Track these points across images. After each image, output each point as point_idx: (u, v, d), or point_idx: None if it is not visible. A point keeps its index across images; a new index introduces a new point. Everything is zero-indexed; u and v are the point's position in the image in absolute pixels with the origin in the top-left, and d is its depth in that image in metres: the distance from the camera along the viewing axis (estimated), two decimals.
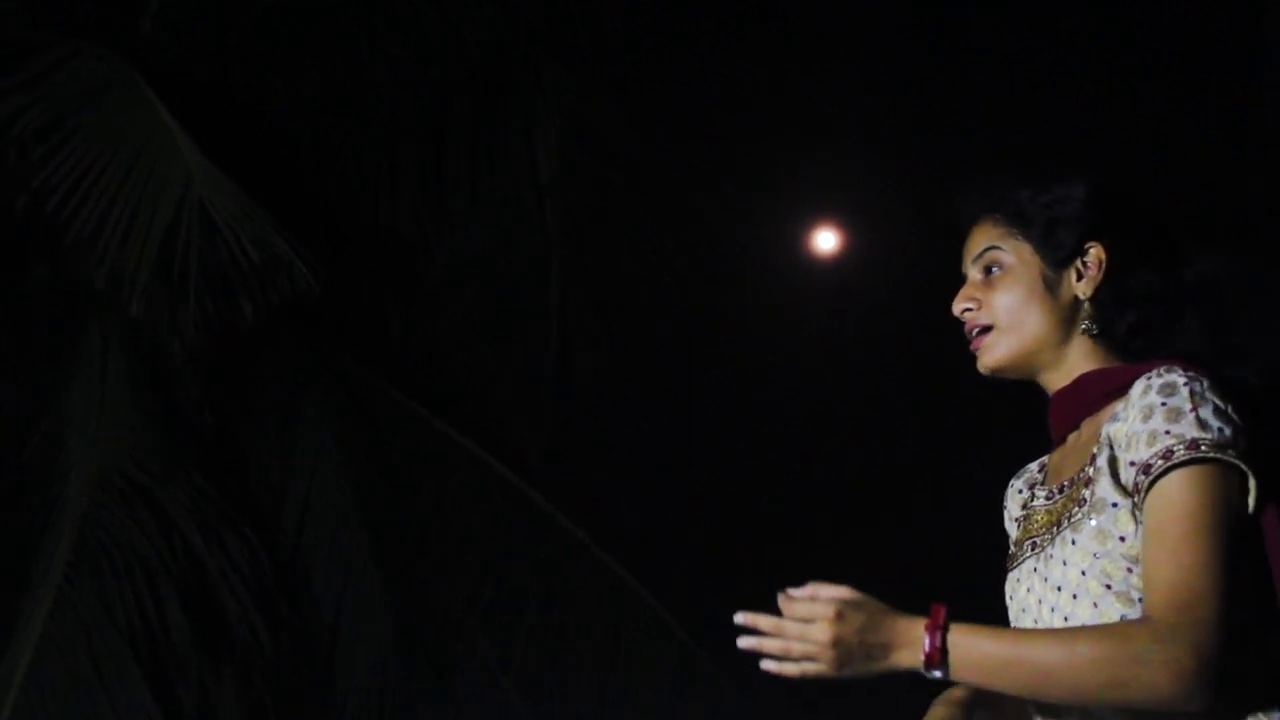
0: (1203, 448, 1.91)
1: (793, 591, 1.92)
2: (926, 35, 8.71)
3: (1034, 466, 2.28)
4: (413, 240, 7.10)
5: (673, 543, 8.11)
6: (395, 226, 7.04)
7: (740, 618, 1.94)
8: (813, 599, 1.90)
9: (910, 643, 1.88)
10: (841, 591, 1.91)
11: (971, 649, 1.88)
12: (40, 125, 5.67)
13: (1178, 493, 1.90)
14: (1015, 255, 2.13)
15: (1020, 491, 2.26)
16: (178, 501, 5.97)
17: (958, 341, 2.21)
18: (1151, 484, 1.92)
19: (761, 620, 1.92)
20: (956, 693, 2.20)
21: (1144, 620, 1.88)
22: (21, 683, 5.47)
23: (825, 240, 9.06)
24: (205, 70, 6.65)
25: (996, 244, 2.15)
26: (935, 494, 8.21)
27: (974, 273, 2.18)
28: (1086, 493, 2.02)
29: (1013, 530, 2.24)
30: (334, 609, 6.61)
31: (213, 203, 5.32)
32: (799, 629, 1.90)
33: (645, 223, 7.36)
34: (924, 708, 2.21)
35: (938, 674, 1.89)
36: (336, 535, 6.67)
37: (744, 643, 1.93)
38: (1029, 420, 2.25)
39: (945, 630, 1.88)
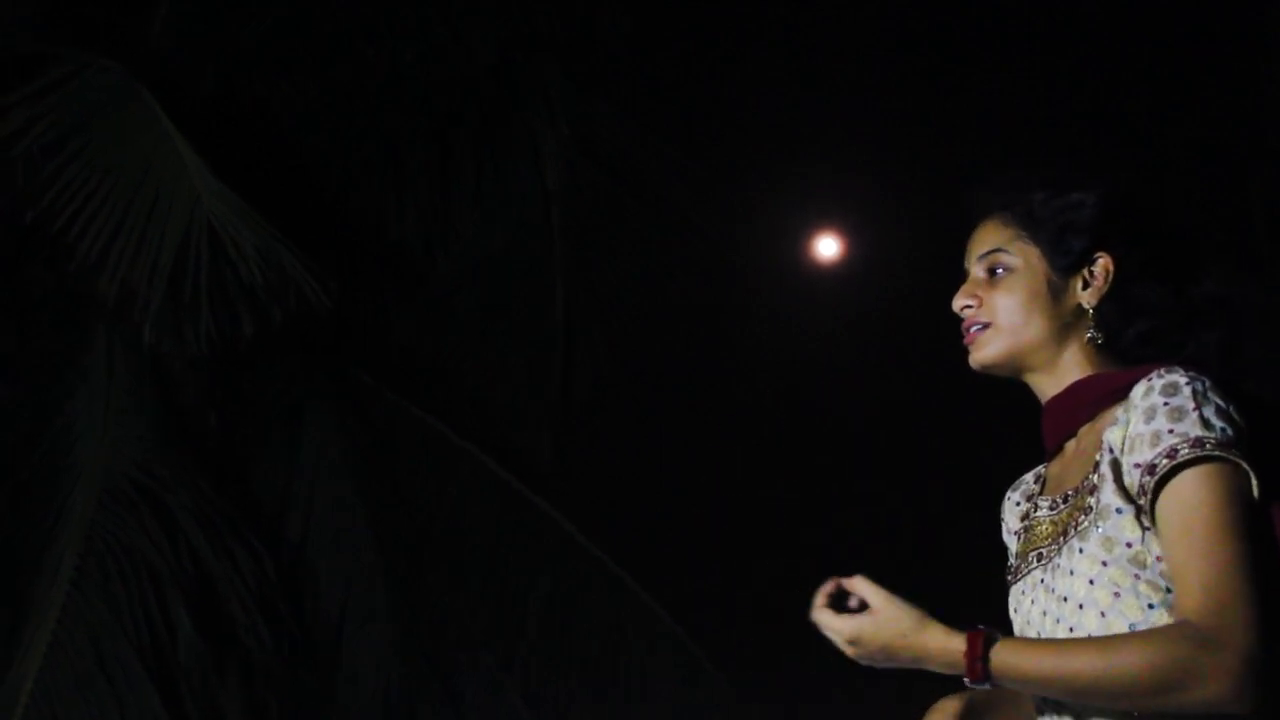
0: (1208, 446, 1.88)
1: (840, 584, 1.98)
2: (927, 41, 8.72)
3: (1029, 478, 2.24)
4: (417, 246, 7.11)
5: (675, 546, 8.12)
6: (400, 233, 7.05)
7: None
8: (835, 616, 1.96)
9: (946, 663, 1.92)
10: (861, 621, 1.95)
11: (1012, 670, 1.89)
12: (48, 139, 5.68)
13: (1195, 491, 1.88)
14: (1022, 258, 2.10)
15: (1018, 504, 2.22)
16: (184, 507, 6.00)
17: (959, 348, 2.18)
18: (1159, 484, 1.90)
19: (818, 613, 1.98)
20: (953, 702, 2.19)
21: (1184, 624, 1.85)
22: (31, 688, 5.49)
23: (827, 247, 9.07)
24: (212, 80, 6.67)
25: (1003, 246, 2.11)
26: (938, 499, 8.23)
27: (977, 270, 2.14)
28: (1092, 500, 1.99)
29: (1012, 544, 2.21)
30: (338, 613, 6.63)
31: (221, 218, 5.33)
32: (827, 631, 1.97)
33: (648, 229, 7.38)
34: (923, 709, 2.20)
35: (984, 686, 1.92)
36: (340, 540, 6.69)
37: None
38: (1033, 426, 2.22)
39: (985, 660, 1.89)
